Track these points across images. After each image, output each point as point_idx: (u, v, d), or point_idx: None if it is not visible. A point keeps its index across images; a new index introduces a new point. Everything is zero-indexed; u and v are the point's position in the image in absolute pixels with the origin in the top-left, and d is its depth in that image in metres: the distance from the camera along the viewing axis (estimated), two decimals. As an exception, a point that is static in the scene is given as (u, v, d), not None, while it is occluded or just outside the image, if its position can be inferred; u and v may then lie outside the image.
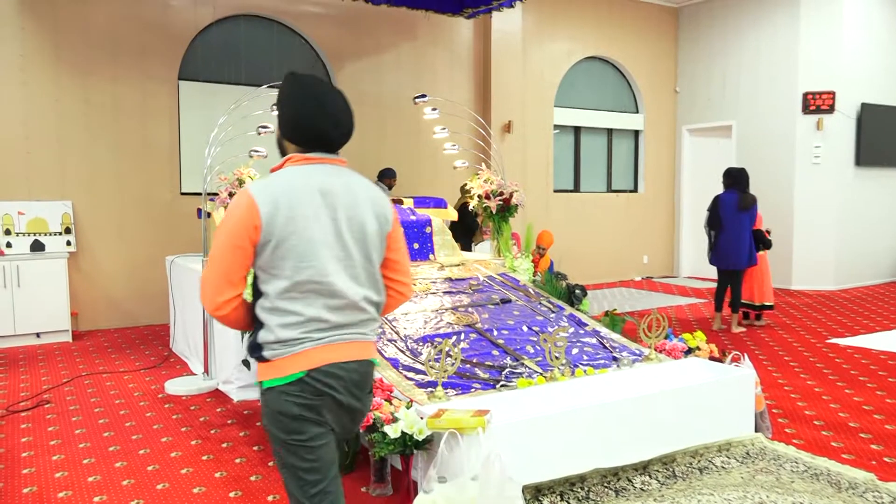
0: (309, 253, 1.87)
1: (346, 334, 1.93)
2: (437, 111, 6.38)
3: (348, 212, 1.95)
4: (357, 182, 2.01)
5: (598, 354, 4.21)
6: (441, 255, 5.89)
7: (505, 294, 5.07)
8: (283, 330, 1.88)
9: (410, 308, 4.56)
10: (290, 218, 1.86)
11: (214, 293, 1.91)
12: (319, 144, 2.00)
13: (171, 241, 7.33)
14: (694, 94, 11.25)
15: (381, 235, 2.01)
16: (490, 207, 5.95)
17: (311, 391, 1.87)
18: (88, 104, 7.21)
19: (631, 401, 3.41)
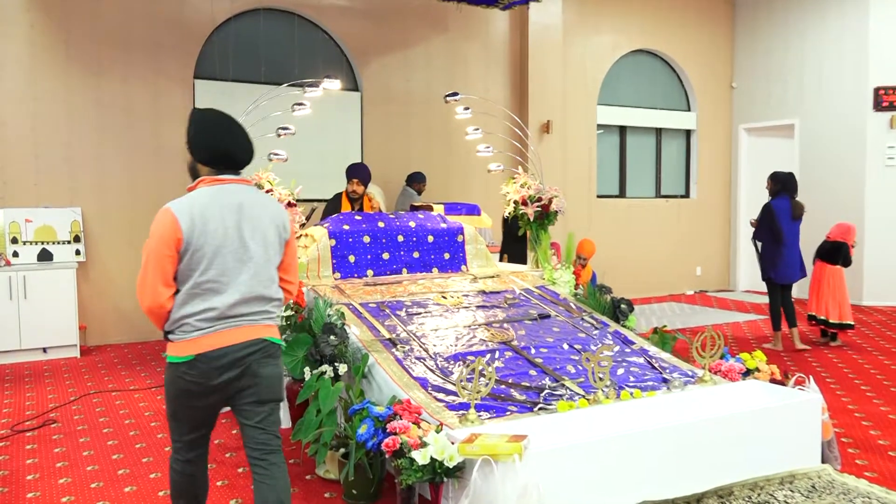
0: (218, 257, 2.60)
1: (236, 322, 2.63)
2: (470, 110, 6.41)
3: (252, 223, 2.67)
4: (259, 198, 2.74)
5: (646, 375, 4.17)
6: (474, 265, 5.90)
7: (543, 309, 5.05)
8: (185, 319, 2.59)
9: (440, 324, 4.57)
10: (203, 230, 2.58)
11: (155, 294, 2.57)
12: (228, 165, 2.70)
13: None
14: (752, 90, 11.12)
15: (280, 242, 2.76)
16: (527, 214, 5.95)
17: (197, 370, 2.60)
18: (99, 105, 7.39)
19: (683, 427, 3.37)
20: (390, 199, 8.32)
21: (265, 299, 2.69)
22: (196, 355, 2.58)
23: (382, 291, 4.98)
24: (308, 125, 7.39)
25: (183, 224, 2.55)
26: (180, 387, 2.63)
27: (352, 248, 5.44)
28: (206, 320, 2.58)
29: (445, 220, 6.03)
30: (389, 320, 4.53)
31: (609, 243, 10.10)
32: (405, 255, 5.61)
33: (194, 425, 2.73)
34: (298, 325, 4.45)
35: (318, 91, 5.54)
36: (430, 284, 5.22)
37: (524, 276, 5.70)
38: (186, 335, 2.59)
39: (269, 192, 4.81)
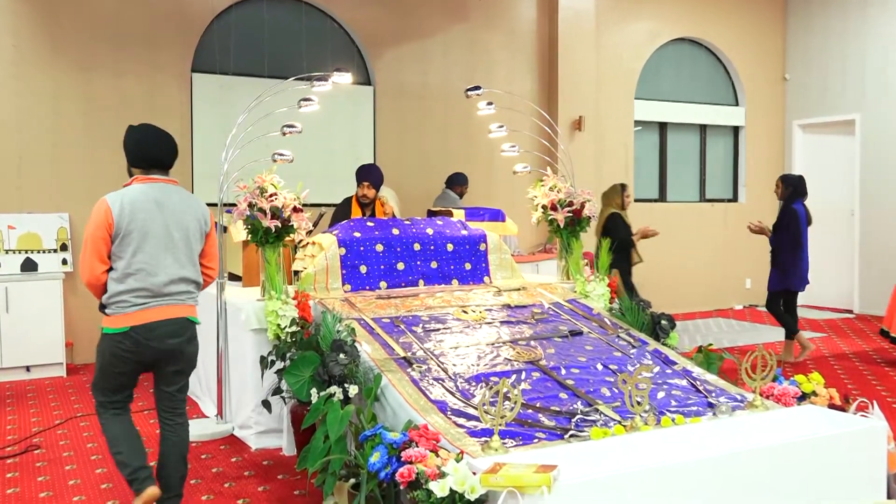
0: (143, 243, 3.48)
1: (165, 301, 3.52)
2: (494, 106, 6.42)
3: (175, 216, 3.56)
4: (183, 195, 3.65)
5: (690, 399, 4.15)
6: (498, 277, 5.89)
7: (575, 325, 5.04)
8: (122, 295, 3.46)
9: (461, 341, 4.57)
10: (131, 219, 3.47)
11: (92, 269, 3.47)
12: (155, 166, 3.63)
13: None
14: (807, 82, 11.05)
15: (200, 233, 3.67)
16: (557, 220, 5.95)
17: (131, 340, 3.47)
18: (89, 102, 7.49)
19: (730, 456, 3.34)
20: (407, 202, 8.34)
21: (188, 281, 3.62)
22: (131, 327, 3.47)
23: (397, 305, 4.99)
24: (316, 123, 7.44)
25: (114, 211, 3.47)
26: (114, 354, 3.50)
27: (363, 258, 5.45)
28: (140, 297, 3.47)
29: (466, 226, 6.03)
30: (404, 337, 4.54)
31: (648, 252, 10.06)
32: (422, 266, 5.62)
33: (119, 388, 3.61)
34: (304, 342, 4.47)
35: (326, 85, 5.57)
36: (449, 298, 5.22)
37: (553, 288, 5.69)
38: (122, 310, 3.47)
39: (272, 196, 4.85)
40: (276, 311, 4.60)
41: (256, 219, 4.84)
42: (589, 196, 6.03)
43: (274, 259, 4.90)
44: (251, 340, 4.86)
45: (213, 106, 8.01)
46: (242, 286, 5.78)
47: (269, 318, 4.63)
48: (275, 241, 4.92)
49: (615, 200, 7.46)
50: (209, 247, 3.73)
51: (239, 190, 4.94)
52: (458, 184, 8.35)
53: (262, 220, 4.82)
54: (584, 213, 5.95)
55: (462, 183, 8.36)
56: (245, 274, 5.79)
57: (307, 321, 4.65)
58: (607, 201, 7.49)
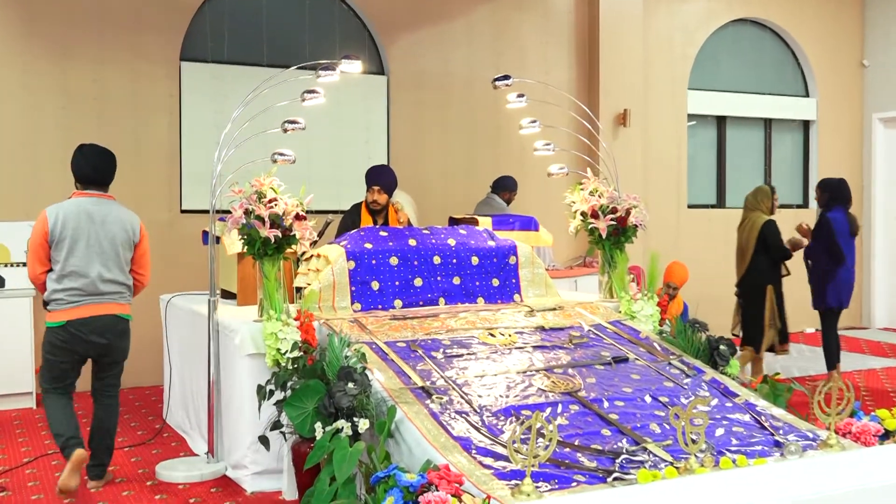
0: (76, 250, 4.66)
1: (97, 299, 4.71)
2: (525, 98, 6.43)
3: (104, 226, 4.73)
4: (112, 208, 4.81)
5: (754, 437, 4.12)
6: (529, 294, 5.88)
7: (619, 350, 5.02)
8: (56, 294, 4.66)
9: (487, 369, 4.57)
10: (64, 228, 4.64)
11: (34, 269, 4.74)
12: (92, 183, 4.82)
13: (167, 274, 7.56)
14: (889, 70, 10.98)
15: (128, 243, 4.82)
16: (598, 230, 5.93)
17: (67, 333, 4.65)
18: (66, 94, 7.57)
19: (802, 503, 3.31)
20: (426, 208, 8.34)
21: (117, 283, 4.79)
22: (67, 321, 4.67)
23: (414, 327, 5.00)
24: (321, 118, 7.47)
25: (50, 222, 4.67)
26: (54, 345, 4.71)
27: (375, 273, 5.47)
28: (74, 296, 4.68)
29: (494, 236, 6.03)
30: (423, 364, 4.54)
31: (704, 266, 9.99)
32: (443, 282, 5.62)
33: (61, 377, 4.78)
34: (308, 369, 4.49)
35: (333, 75, 5.60)
36: (474, 318, 5.22)
37: (595, 308, 5.67)
38: (60, 307, 4.68)
39: (272, 202, 4.88)
40: (275, 333, 4.62)
41: (253, 228, 4.86)
42: (635, 201, 6.01)
43: (273, 274, 4.92)
44: (247, 367, 4.88)
45: (204, 99, 8.07)
46: (237, 305, 5.81)
47: (267, 342, 4.65)
48: (274, 253, 4.95)
49: (764, 204, 7.46)
50: (139, 255, 4.92)
51: (234, 195, 4.96)
52: (507, 189, 8.34)
53: (259, 229, 4.85)
54: (629, 222, 5.93)
55: (511, 188, 8.35)
56: (240, 291, 5.82)
57: (311, 345, 4.66)
58: (754, 205, 7.49)
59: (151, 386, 7.55)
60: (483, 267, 5.77)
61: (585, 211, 6.00)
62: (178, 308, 6.23)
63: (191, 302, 6.07)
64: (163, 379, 6.74)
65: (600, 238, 5.99)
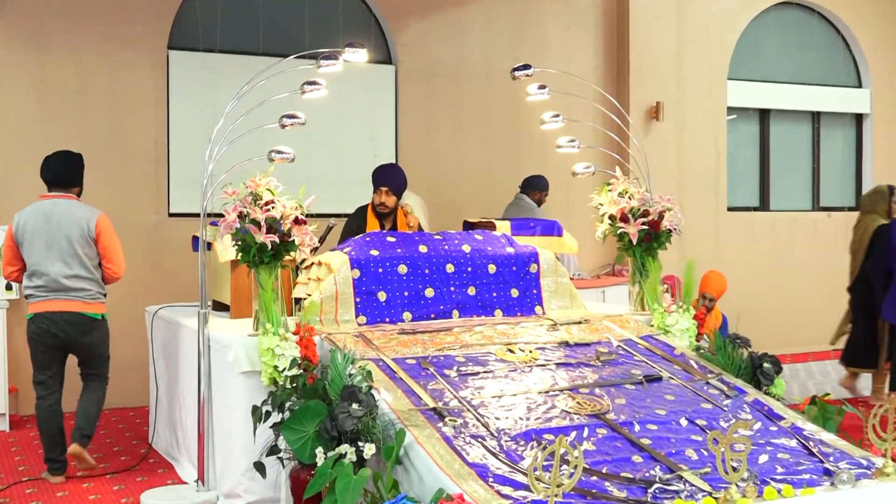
0: (35, 250, 5.59)
1: (60, 295, 5.56)
2: (548, 90, 6.43)
3: (59, 225, 5.59)
4: (69, 207, 5.66)
5: (801, 464, 4.10)
6: (552, 306, 5.87)
7: (652, 368, 5.01)
8: (28, 290, 5.66)
9: (506, 388, 4.56)
10: (23, 230, 5.62)
11: (5, 269, 5.78)
12: (54, 185, 5.76)
13: (153, 283, 7.59)
14: (951, 58, 10.94)
15: (84, 239, 5.61)
16: (628, 235, 5.92)
17: (35, 325, 5.60)
18: (42, 86, 7.61)
19: (855, 540, 3.29)
20: (438, 211, 8.35)
21: (81, 278, 5.62)
22: (34, 314, 5.61)
23: (425, 342, 4.99)
24: (323, 112, 7.49)
25: (14, 226, 5.67)
26: (29, 336, 5.65)
27: (382, 282, 5.47)
28: (39, 291, 5.61)
29: (513, 242, 6.03)
30: (434, 383, 4.54)
31: (745, 276, 9.97)
32: (456, 292, 5.62)
33: (43, 366, 5.67)
34: (308, 388, 4.49)
35: (336, 65, 5.61)
36: (491, 333, 5.21)
37: (624, 321, 5.66)
38: (30, 301, 5.65)
39: (269, 205, 4.88)
40: (272, 349, 4.62)
41: (248, 233, 4.87)
42: (669, 203, 5.99)
43: (270, 284, 4.94)
44: (241, 386, 4.89)
45: (194, 91, 8.10)
46: (230, 318, 5.82)
47: (263, 359, 4.65)
48: (271, 260, 4.95)
49: (880, 207, 7.47)
50: (102, 249, 5.71)
51: (226, 197, 4.97)
52: (537, 188, 8.34)
53: (255, 234, 4.86)
54: (662, 226, 5.91)
55: (542, 188, 8.35)
56: (233, 302, 5.84)
57: (311, 362, 4.66)
58: (869, 207, 7.49)
59: (136, 407, 7.57)
60: (501, 276, 5.76)
61: (614, 214, 5.99)
62: (165, 321, 6.25)
63: (179, 314, 6.09)
64: (148, 399, 6.76)
65: (630, 244, 5.97)
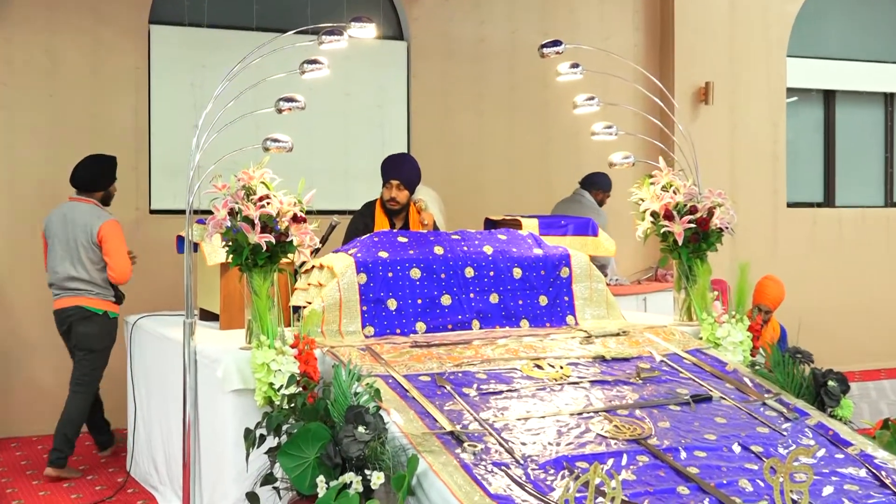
0: (54, 249, 6.81)
1: (64, 293, 6.75)
2: (581, 69, 6.42)
3: (73, 228, 6.74)
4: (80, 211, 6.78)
5: (871, 497, 4.09)
6: (586, 315, 5.86)
7: (700, 387, 5.00)
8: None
9: (533, 409, 4.55)
10: (48, 230, 6.87)
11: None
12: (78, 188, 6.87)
13: (132, 290, 7.59)
14: None
15: (88, 243, 6.70)
16: (673, 234, 5.90)
17: (55, 320, 6.87)
18: (10, 67, 7.65)
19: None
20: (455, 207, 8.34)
21: (79, 279, 6.62)
22: (53, 311, 6.72)
23: (441, 357, 5.00)
24: (325, 95, 7.50)
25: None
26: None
27: (392, 288, 5.47)
28: (55, 290, 6.70)
29: (541, 243, 6.02)
30: (451, 403, 4.54)
31: (807, 282, 9.94)
32: (477, 300, 5.62)
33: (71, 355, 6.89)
34: (308, 409, 4.50)
35: (340, 41, 5.62)
36: (516, 346, 5.21)
37: (668, 333, 5.64)
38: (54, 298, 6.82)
39: (263, 200, 4.89)
40: (267, 364, 4.63)
41: (240, 232, 4.88)
42: (720, 198, 5.97)
43: (265, 290, 4.94)
44: (231, 406, 4.89)
45: (180, 71, 8.12)
46: (220, 329, 5.83)
47: (257, 375, 4.66)
48: (266, 263, 4.96)
49: None
50: (104, 254, 6.64)
51: (216, 191, 4.99)
52: (600, 188, 8.34)
53: (248, 233, 4.86)
54: (712, 224, 5.89)
55: (605, 188, 8.37)
56: (223, 311, 5.85)
57: (312, 379, 4.67)
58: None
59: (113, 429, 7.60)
60: (528, 281, 5.76)
61: (657, 211, 5.97)
62: (145, 332, 6.26)
63: (162, 325, 6.10)
64: (126, 421, 6.78)
65: (675, 245, 5.95)
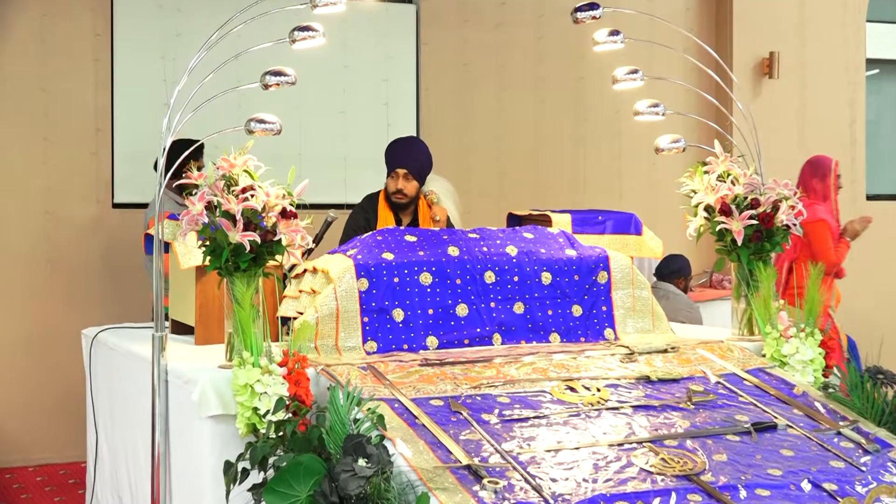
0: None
1: None
2: (622, 37, 6.42)
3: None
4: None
5: (967, 545, 4.08)
6: (628, 328, 5.86)
7: (764, 413, 4.99)
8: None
9: (566, 439, 4.55)
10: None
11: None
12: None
13: (93, 297, 7.64)
14: None
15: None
16: (731, 233, 5.89)
17: None
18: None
19: None
20: (472, 200, 8.34)
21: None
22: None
23: (456, 377, 5.00)
24: (320, 68, 7.52)
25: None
26: None
27: (399, 296, 5.47)
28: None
29: (574, 242, 6.01)
30: (469, 432, 4.54)
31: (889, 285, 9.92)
32: (498, 310, 5.62)
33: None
34: (299, 438, 4.50)
35: (338, 5, 5.63)
36: (545, 365, 5.21)
37: (725, 350, 5.63)
38: None
39: (247, 192, 4.90)
40: (251, 385, 4.64)
41: (220, 230, 4.89)
42: (787, 190, 5.96)
43: (248, 298, 4.95)
44: (209, 435, 4.90)
45: (148, 41, 8.15)
46: (195, 344, 5.85)
47: (238, 399, 4.67)
48: (250, 267, 4.97)
49: None
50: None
51: (192, 180, 5.00)
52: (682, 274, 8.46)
53: (229, 231, 4.87)
54: (778, 221, 5.88)
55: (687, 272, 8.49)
56: (199, 323, 5.85)
57: (304, 404, 4.68)
58: None
59: (69, 463, 7.63)
60: (559, 288, 5.76)
61: (711, 205, 5.96)
62: (108, 348, 6.27)
63: (127, 339, 6.10)
64: (85, 453, 6.80)
65: (734, 245, 5.94)
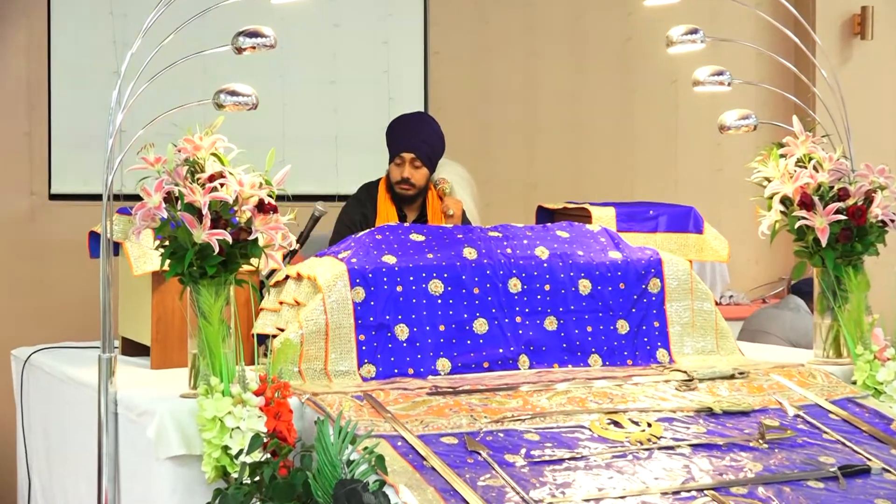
0: None
1: None
2: (678, -11, 6.43)
3: None
4: None
5: None
6: (686, 349, 5.86)
7: (853, 453, 4.98)
8: None
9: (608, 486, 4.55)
10: None
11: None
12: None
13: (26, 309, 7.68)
14: None
15: None
16: (813, 230, 5.88)
17: None
18: None
19: None
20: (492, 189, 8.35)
21: None
22: None
23: (473, 409, 5.00)
24: (305, 27, 7.53)
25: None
26: None
27: (403, 309, 5.48)
28: None
29: (619, 243, 6.01)
30: (489, 476, 4.54)
31: None
32: (525, 325, 5.62)
33: None
34: (280, 484, 4.51)
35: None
36: (583, 394, 5.21)
37: (806, 376, 5.63)
38: None
39: (215, 180, 4.89)
40: (220, 419, 4.64)
41: (182, 226, 4.89)
42: (883, 178, 5.94)
43: (217, 311, 4.95)
44: (168, 480, 4.89)
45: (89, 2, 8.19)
46: (151, 368, 5.85)
47: (205, 436, 4.67)
48: (220, 273, 4.97)
49: None
50: None
51: (146, 167, 4.99)
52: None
53: (193, 228, 4.87)
54: (871, 216, 5.87)
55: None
56: (156, 342, 5.86)
57: (285, 442, 4.68)
58: None
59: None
60: (600, 299, 5.75)
61: (789, 196, 5.95)
62: (43, 373, 6.28)
63: (66, 362, 6.11)
64: (16, 498, 6.82)
65: (817, 246, 5.93)
